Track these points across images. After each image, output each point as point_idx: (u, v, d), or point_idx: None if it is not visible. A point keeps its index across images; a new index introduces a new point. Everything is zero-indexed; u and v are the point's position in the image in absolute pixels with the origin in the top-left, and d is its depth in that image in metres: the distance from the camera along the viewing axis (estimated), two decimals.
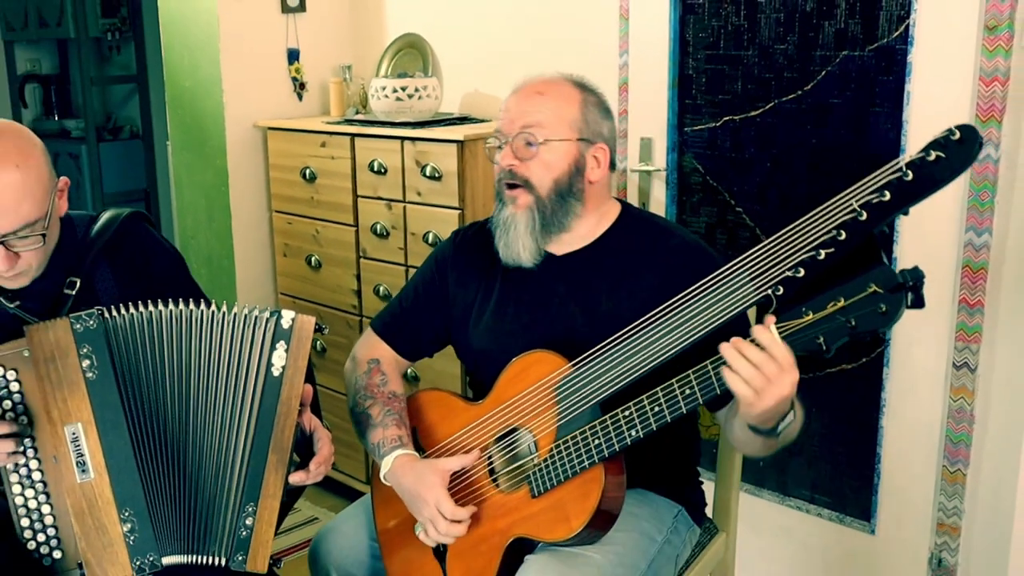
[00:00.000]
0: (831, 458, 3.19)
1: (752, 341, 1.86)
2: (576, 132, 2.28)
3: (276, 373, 2.16)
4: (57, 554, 2.13)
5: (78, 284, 2.27)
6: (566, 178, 2.28)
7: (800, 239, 1.95)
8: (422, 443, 2.40)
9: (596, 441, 2.05)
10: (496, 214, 2.35)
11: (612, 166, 2.37)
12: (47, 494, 2.13)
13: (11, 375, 2.11)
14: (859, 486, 3.14)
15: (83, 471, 2.11)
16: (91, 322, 2.13)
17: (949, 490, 2.90)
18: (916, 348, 2.92)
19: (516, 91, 2.36)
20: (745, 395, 1.87)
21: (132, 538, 2.12)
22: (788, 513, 3.31)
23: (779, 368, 1.84)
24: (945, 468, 2.90)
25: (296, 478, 2.17)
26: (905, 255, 2.85)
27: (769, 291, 1.94)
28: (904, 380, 2.97)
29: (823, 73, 3.00)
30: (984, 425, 2.83)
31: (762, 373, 1.85)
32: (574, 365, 2.15)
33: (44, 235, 2.13)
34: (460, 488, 2.25)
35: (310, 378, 2.24)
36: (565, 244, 2.35)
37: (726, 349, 1.88)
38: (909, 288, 1.72)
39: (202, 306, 2.19)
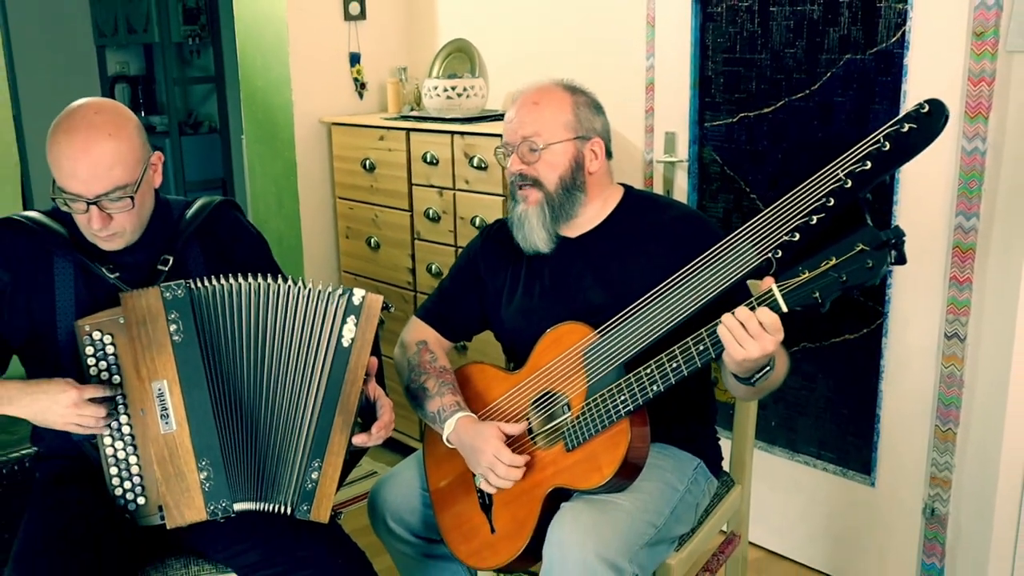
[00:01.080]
0: (836, 419, 3.20)
1: (749, 306, 1.88)
2: (572, 132, 2.32)
3: (345, 344, 2.17)
4: (141, 500, 2.15)
5: (171, 262, 2.27)
6: (569, 173, 2.33)
7: (795, 207, 1.99)
8: (469, 409, 2.40)
9: (622, 397, 2.07)
10: (511, 211, 2.41)
11: (609, 155, 2.39)
12: (134, 446, 2.14)
13: (107, 339, 2.13)
14: (861, 444, 3.15)
15: (167, 423, 2.13)
16: (179, 291, 2.14)
17: (941, 447, 2.91)
18: (912, 321, 2.93)
19: (515, 102, 2.40)
20: (727, 341, 1.91)
21: (208, 485, 2.14)
22: (797, 468, 3.33)
23: (760, 328, 1.87)
24: (937, 427, 2.91)
25: (359, 439, 2.19)
26: None
27: (769, 255, 1.98)
28: (901, 349, 2.97)
29: (828, 74, 3.00)
30: (972, 389, 2.83)
31: (746, 329, 1.88)
32: (599, 332, 2.17)
33: (133, 198, 2.14)
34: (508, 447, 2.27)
35: (376, 351, 2.25)
36: (576, 228, 2.39)
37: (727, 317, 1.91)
38: (892, 245, 1.75)
39: (279, 280, 2.19)
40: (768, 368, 2.00)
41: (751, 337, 1.88)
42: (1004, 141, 2.65)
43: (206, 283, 2.18)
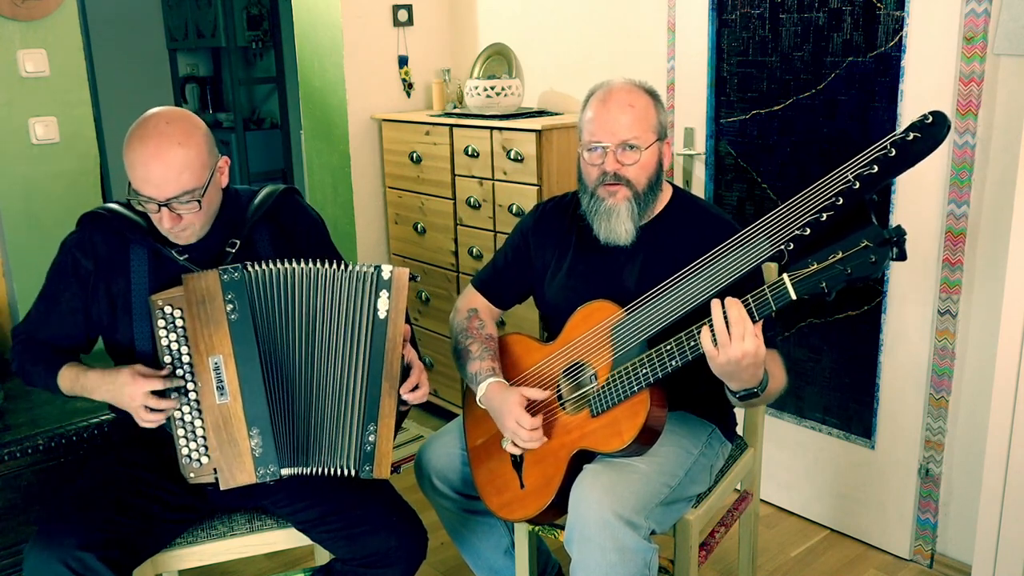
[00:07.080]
0: (839, 387, 3.20)
1: (761, 293, 1.89)
2: (656, 134, 2.27)
3: (382, 316, 2.16)
4: (204, 460, 2.16)
5: (238, 245, 2.27)
6: (655, 173, 2.28)
7: (807, 204, 1.97)
8: (506, 374, 2.41)
9: (644, 370, 2.07)
10: (591, 203, 2.31)
11: None
12: (199, 411, 2.15)
13: (178, 312, 2.14)
14: (862, 410, 3.15)
15: (222, 394, 2.14)
16: (236, 274, 2.14)
17: (935, 413, 2.93)
18: (908, 298, 2.93)
19: (605, 102, 2.27)
20: (708, 349, 1.93)
21: (257, 451, 2.16)
22: (804, 432, 3.33)
23: (742, 331, 1.89)
24: (931, 395, 2.93)
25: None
26: (899, 223, 2.79)
27: (782, 247, 1.96)
28: (898, 324, 2.98)
29: (832, 75, 2.99)
30: (963, 361, 2.85)
31: (728, 332, 1.89)
32: (627, 311, 2.16)
33: (200, 201, 2.14)
34: (537, 411, 2.28)
35: (406, 319, 2.25)
36: None
37: (715, 306, 1.92)
38: (894, 243, 1.74)
39: (323, 264, 2.18)
40: (757, 389, 2.02)
41: (731, 340, 1.90)
42: (992, 136, 2.65)
43: (260, 266, 2.17)
